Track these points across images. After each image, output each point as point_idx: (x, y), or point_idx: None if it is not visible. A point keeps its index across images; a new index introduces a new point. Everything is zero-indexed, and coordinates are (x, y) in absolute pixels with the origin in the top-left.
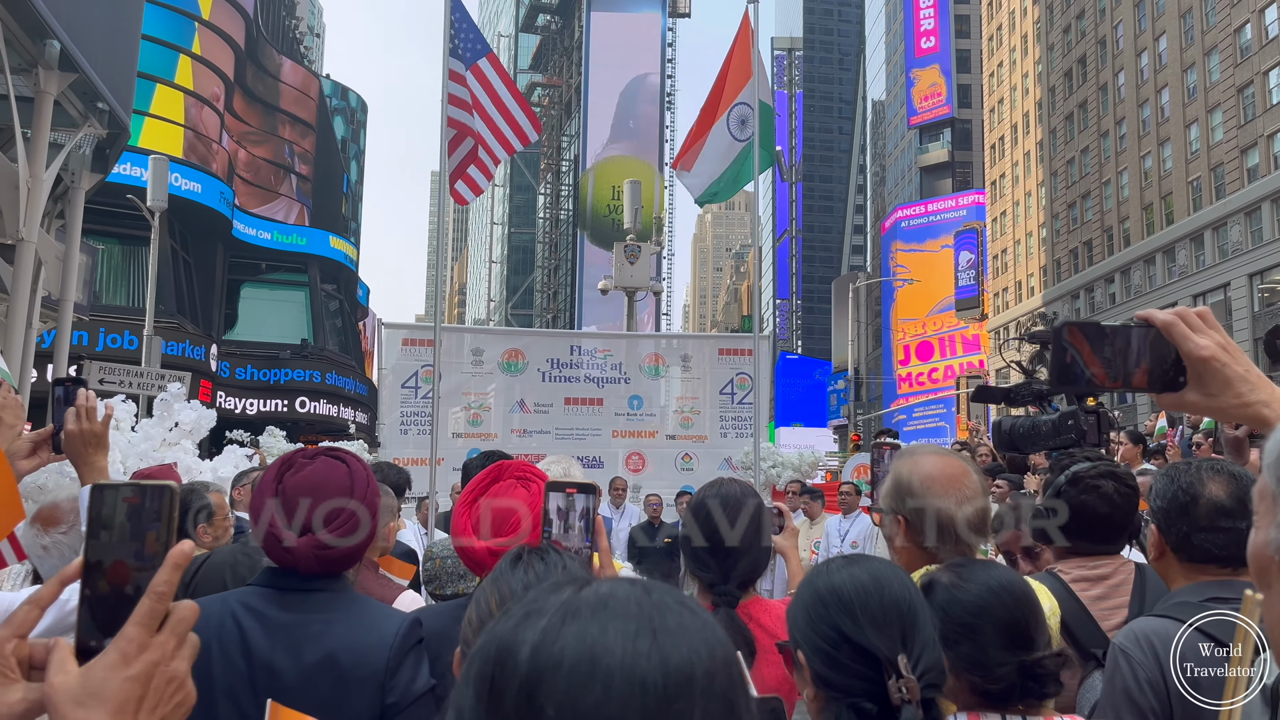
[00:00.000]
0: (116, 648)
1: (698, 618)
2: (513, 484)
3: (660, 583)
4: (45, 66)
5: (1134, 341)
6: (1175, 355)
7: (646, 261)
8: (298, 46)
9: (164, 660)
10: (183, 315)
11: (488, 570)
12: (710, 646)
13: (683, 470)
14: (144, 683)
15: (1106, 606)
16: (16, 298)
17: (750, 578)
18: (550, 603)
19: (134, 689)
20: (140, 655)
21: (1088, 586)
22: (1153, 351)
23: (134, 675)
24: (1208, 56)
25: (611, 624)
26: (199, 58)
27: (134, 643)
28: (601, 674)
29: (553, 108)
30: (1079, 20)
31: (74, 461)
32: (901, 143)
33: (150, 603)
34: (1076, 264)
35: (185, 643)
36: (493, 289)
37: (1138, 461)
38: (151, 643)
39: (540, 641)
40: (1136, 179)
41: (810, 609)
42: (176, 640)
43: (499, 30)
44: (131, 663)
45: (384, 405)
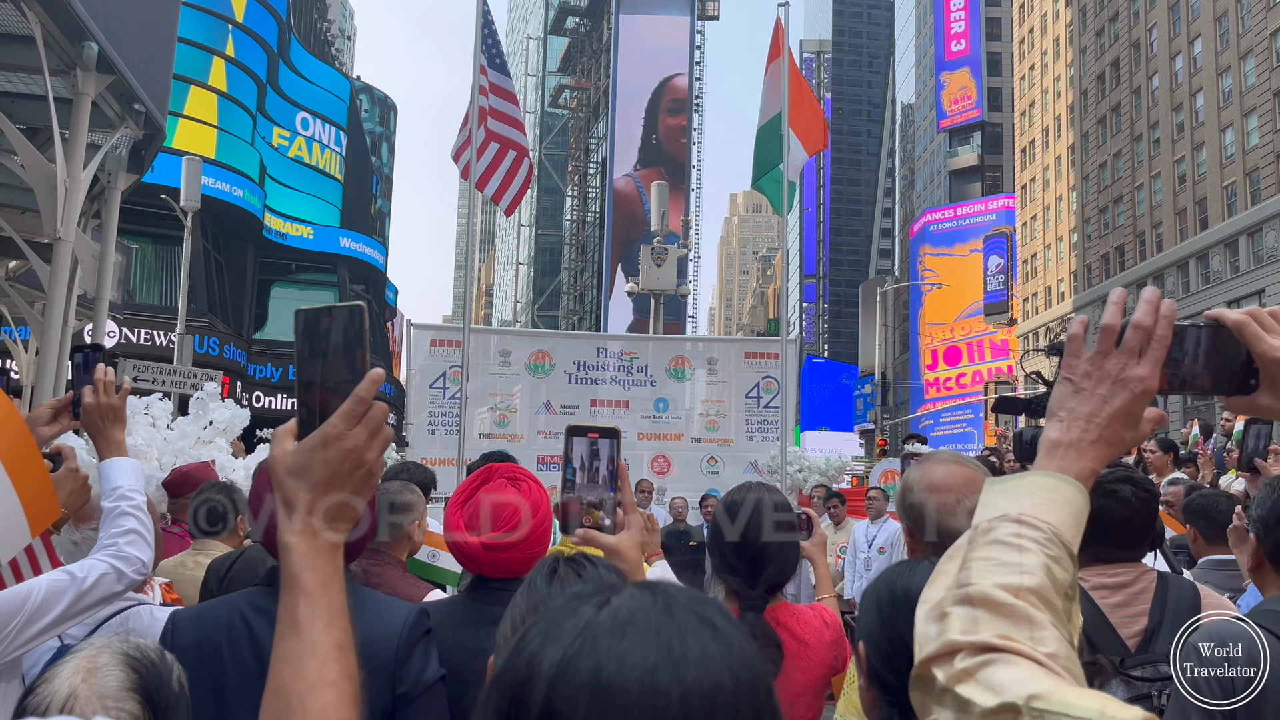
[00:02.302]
0: (322, 433)
1: (722, 638)
2: (502, 484)
3: (685, 593)
4: (83, 68)
5: (1199, 343)
6: (1246, 356)
7: (673, 264)
8: (329, 49)
9: (358, 449)
10: (214, 314)
11: (478, 564)
12: (734, 672)
13: (708, 473)
14: (338, 464)
15: (1126, 614)
16: (54, 296)
17: (779, 582)
18: (568, 627)
19: (329, 468)
20: (337, 442)
21: (1107, 594)
22: (1221, 353)
23: (331, 457)
24: (1243, 60)
25: (630, 654)
26: (232, 60)
27: (335, 430)
28: (619, 710)
29: (580, 110)
30: (1112, 23)
31: (91, 434)
32: (931, 146)
33: (350, 404)
34: (1108, 269)
35: (378, 437)
36: (519, 290)
37: (1168, 470)
38: (349, 434)
39: (557, 676)
40: (1170, 184)
41: (882, 607)
42: (369, 434)
43: (528, 33)
44: (330, 446)
45: (412, 405)
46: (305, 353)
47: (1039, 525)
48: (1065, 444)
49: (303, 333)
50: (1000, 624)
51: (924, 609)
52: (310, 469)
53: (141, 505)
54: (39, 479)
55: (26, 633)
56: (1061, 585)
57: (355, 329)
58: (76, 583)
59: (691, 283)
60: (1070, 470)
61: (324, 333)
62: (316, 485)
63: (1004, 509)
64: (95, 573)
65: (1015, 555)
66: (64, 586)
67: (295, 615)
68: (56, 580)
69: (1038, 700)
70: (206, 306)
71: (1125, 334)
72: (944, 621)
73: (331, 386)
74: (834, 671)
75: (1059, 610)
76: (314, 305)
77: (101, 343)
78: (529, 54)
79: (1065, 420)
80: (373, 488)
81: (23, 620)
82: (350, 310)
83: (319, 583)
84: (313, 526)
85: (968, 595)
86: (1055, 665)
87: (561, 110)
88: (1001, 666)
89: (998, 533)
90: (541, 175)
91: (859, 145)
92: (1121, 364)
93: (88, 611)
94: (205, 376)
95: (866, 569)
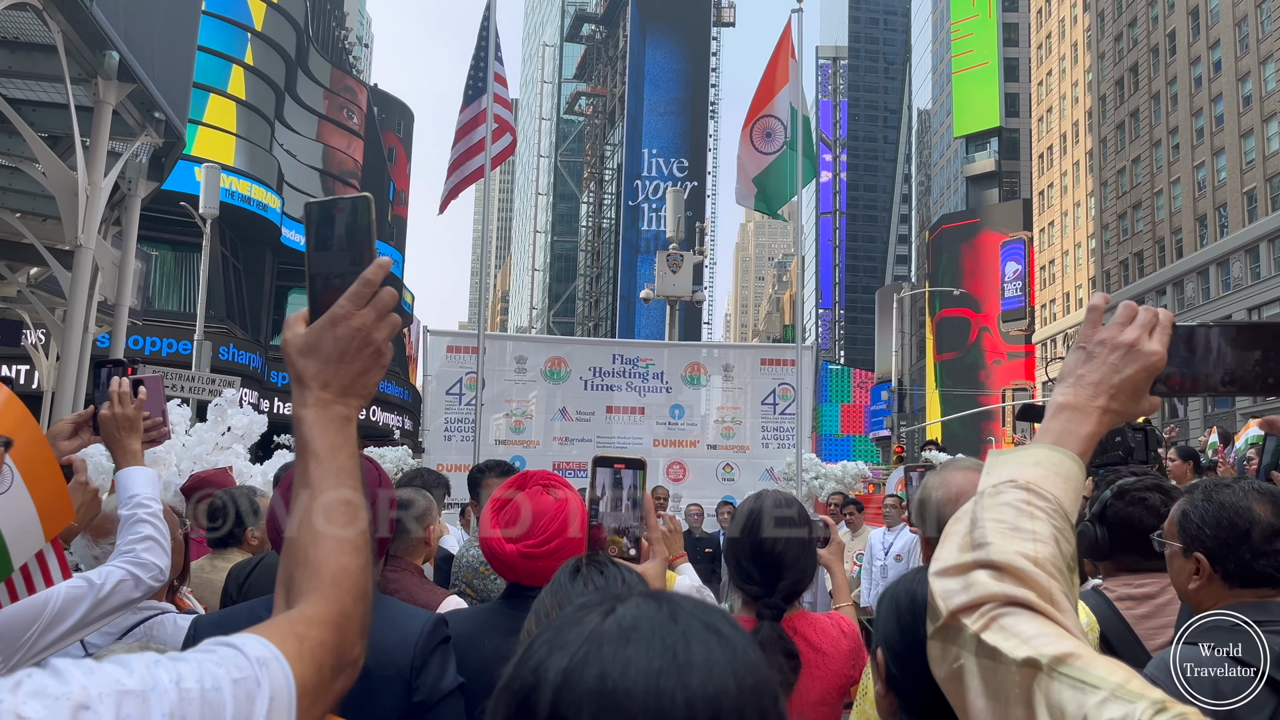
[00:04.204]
0: (330, 313)
1: (727, 645)
2: (538, 490)
3: (690, 601)
4: (104, 77)
5: (1208, 342)
6: (1260, 355)
7: (689, 270)
8: (347, 57)
9: (366, 327)
10: (232, 321)
11: (514, 571)
12: (738, 677)
13: (724, 480)
14: (347, 342)
15: (1152, 626)
16: (74, 302)
17: (796, 591)
18: (574, 635)
19: (339, 346)
20: (346, 321)
21: (1133, 605)
22: (1232, 352)
23: (340, 335)
24: (1263, 65)
25: (635, 660)
26: (251, 68)
27: (343, 310)
28: (624, 715)
29: (596, 117)
30: (1131, 28)
31: (108, 444)
32: (947, 152)
33: (358, 286)
34: (1127, 275)
35: (385, 319)
36: (535, 297)
37: (1188, 478)
38: (357, 314)
39: (562, 683)
40: (1189, 189)
41: (902, 615)
42: (377, 314)
43: (544, 40)
44: (339, 325)
45: (428, 411)
46: (315, 244)
47: (1046, 496)
48: (1071, 407)
49: (312, 225)
50: (1023, 590)
51: (937, 566)
52: (320, 347)
53: (158, 513)
54: (54, 484)
55: (45, 639)
56: (1067, 557)
57: (363, 220)
58: (94, 589)
59: (707, 289)
60: (1073, 434)
61: (332, 224)
62: (327, 361)
63: (1010, 475)
64: (113, 579)
65: (1028, 521)
66: (82, 593)
67: (307, 475)
68: (75, 587)
69: (1061, 664)
70: (225, 313)
71: (1138, 315)
72: (969, 577)
73: (340, 274)
74: (852, 681)
75: (1068, 581)
76: (321, 198)
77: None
78: (545, 61)
79: (1073, 385)
80: (383, 367)
81: (41, 626)
82: (356, 202)
83: (329, 447)
84: (323, 399)
85: (991, 560)
86: (1077, 633)
87: (577, 117)
88: (1027, 619)
89: (1006, 496)
90: (557, 182)
91: (875, 151)
92: (1135, 337)
93: (106, 618)
94: (224, 383)
95: (883, 576)
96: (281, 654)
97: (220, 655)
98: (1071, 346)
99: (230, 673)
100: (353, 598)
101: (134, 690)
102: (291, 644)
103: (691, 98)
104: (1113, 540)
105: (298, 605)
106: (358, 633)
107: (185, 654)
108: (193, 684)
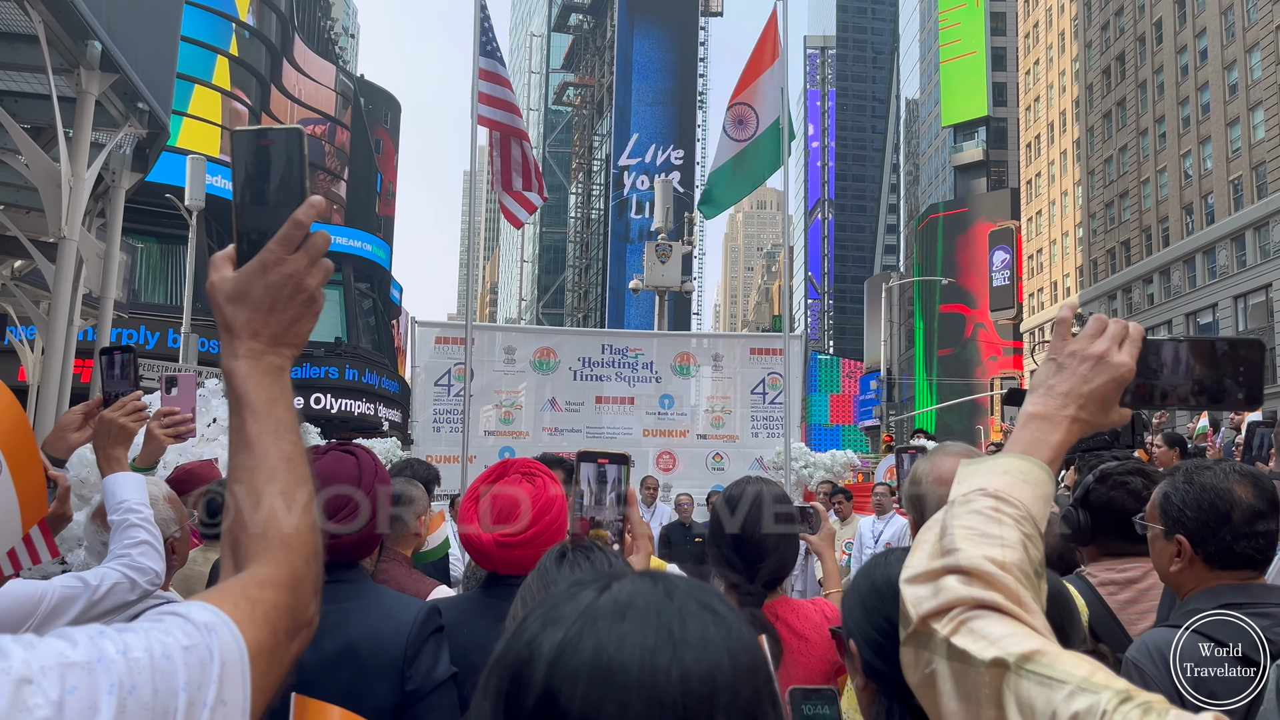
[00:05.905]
0: (260, 258)
1: (723, 622)
2: (517, 479)
3: (686, 581)
4: (87, 67)
5: (1176, 355)
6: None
7: (678, 261)
8: (333, 47)
9: (297, 274)
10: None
11: (491, 561)
12: (733, 655)
13: (714, 470)
14: (278, 289)
15: (1135, 611)
16: (59, 295)
17: (777, 577)
18: (569, 610)
19: (269, 293)
20: (277, 267)
21: (1115, 591)
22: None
23: (271, 282)
24: (1249, 53)
25: (630, 635)
26: (236, 59)
27: (273, 255)
28: (618, 691)
29: (584, 107)
30: (1118, 17)
31: (96, 446)
32: (935, 141)
33: (288, 228)
34: (1114, 264)
35: (318, 265)
36: (524, 288)
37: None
38: (289, 259)
39: (556, 657)
40: (1176, 178)
41: (866, 600)
42: (309, 260)
43: (531, 30)
44: (270, 271)
45: (417, 403)
46: (242, 178)
47: (1014, 503)
48: (1041, 416)
49: (240, 156)
50: (991, 593)
51: (909, 574)
52: (250, 294)
53: (149, 518)
54: (36, 478)
55: None
56: (1034, 562)
57: (295, 154)
58: (89, 590)
59: (696, 279)
60: (1042, 442)
61: (262, 157)
62: (257, 309)
63: (979, 484)
64: (109, 581)
65: (995, 528)
66: (76, 593)
67: (245, 432)
68: (69, 586)
69: (1028, 662)
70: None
71: (1107, 328)
72: (939, 583)
73: (270, 212)
74: (837, 668)
75: (1036, 586)
76: (250, 127)
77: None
78: (532, 51)
79: (1043, 395)
80: (315, 314)
81: (34, 624)
82: (288, 133)
83: (265, 400)
84: (255, 349)
85: (959, 566)
86: (1045, 632)
87: (565, 108)
88: (995, 620)
89: (975, 504)
90: (546, 173)
91: (863, 141)
92: (1105, 349)
93: (100, 620)
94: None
95: None
96: (230, 618)
97: (168, 624)
98: (1042, 359)
99: (180, 640)
100: (304, 558)
101: (79, 662)
102: (244, 608)
103: (680, 88)
104: (1095, 524)
105: (247, 568)
106: (310, 593)
107: (131, 625)
108: (141, 653)
